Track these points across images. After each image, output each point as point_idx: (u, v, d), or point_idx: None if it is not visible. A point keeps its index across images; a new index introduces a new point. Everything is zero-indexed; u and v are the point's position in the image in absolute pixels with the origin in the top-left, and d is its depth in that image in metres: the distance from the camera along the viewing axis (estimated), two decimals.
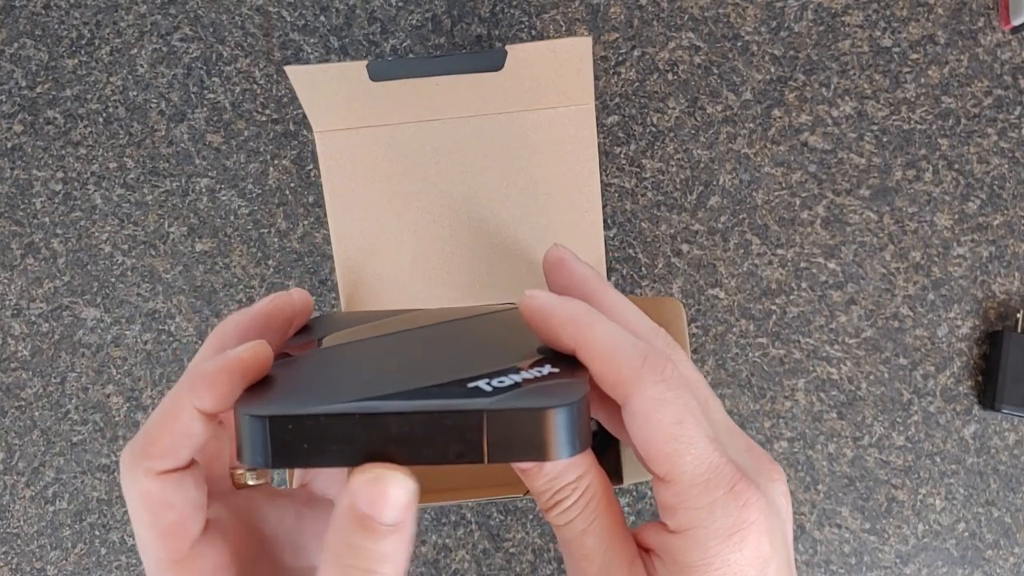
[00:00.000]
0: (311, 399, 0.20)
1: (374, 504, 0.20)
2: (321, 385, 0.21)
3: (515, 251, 0.51)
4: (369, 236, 0.51)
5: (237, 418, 0.20)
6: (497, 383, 0.21)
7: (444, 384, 0.21)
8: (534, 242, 0.51)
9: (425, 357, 0.22)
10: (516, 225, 0.51)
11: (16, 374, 0.57)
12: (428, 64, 0.46)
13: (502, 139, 0.49)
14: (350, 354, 0.23)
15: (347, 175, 0.50)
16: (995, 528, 0.54)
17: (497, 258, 0.51)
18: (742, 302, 0.55)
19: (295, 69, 0.45)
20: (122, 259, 0.57)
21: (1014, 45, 0.55)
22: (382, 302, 0.51)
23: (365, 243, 0.51)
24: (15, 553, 0.56)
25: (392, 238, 0.51)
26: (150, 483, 0.23)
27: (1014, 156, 0.55)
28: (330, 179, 0.50)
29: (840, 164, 0.55)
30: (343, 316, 0.25)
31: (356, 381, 0.21)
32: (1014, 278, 0.55)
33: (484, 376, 0.21)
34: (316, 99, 0.47)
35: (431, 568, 0.55)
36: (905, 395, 0.54)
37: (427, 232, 0.51)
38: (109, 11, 0.58)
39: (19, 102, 0.58)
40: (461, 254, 0.51)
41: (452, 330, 0.23)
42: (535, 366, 0.22)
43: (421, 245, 0.51)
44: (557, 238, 0.51)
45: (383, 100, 0.47)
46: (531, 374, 0.21)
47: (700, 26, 0.56)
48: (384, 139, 0.49)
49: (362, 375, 0.21)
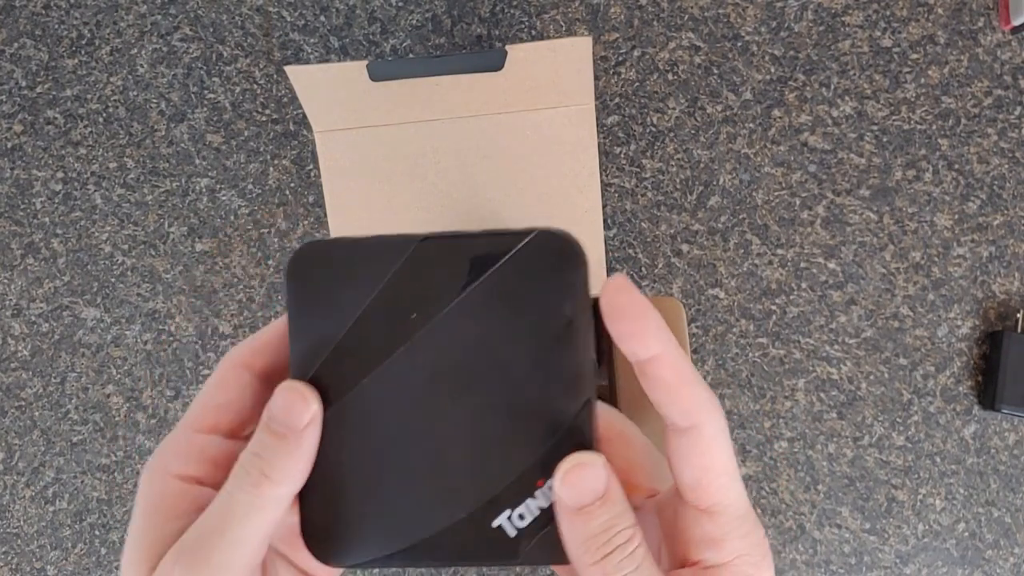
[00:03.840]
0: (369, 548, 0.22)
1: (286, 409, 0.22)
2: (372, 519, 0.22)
3: None
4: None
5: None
6: (519, 520, 0.22)
7: (470, 520, 0.22)
8: None
9: (441, 445, 0.23)
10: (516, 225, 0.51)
11: (16, 374, 0.57)
12: (428, 64, 0.46)
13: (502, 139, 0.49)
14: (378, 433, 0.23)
15: (347, 175, 0.50)
16: (995, 528, 0.54)
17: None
18: (742, 302, 0.55)
19: (295, 69, 0.45)
20: (122, 259, 0.57)
21: (1014, 45, 0.55)
22: None
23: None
24: (15, 553, 0.56)
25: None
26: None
27: (1014, 156, 0.55)
28: (330, 179, 0.50)
29: (840, 164, 0.55)
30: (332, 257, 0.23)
31: (396, 515, 0.22)
32: (1014, 278, 0.55)
33: (505, 507, 0.22)
34: (316, 99, 0.47)
35: (431, 567, 0.55)
36: (905, 395, 0.54)
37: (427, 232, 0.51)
38: (109, 11, 0.58)
39: (19, 102, 0.58)
40: None
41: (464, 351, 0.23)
42: (548, 476, 0.22)
43: None
44: None
45: (383, 100, 0.47)
46: (547, 497, 0.22)
47: (700, 26, 0.56)
48: (384, 139, 0.49)
49: (399, 497, 0.22)
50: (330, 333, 0.22)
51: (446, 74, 0.46)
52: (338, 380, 0.22)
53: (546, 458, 0.22)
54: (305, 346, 0.22)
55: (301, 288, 0.22)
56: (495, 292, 0.22)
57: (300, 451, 0.22)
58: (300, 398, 0.22)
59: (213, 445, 0.24)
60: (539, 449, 0.22)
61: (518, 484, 0.22)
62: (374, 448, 0.22)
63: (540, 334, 0.22)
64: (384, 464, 0.22)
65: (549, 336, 0.22)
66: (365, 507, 0.22)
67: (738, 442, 0.54)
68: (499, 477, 0.22)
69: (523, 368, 0.22)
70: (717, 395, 0.55)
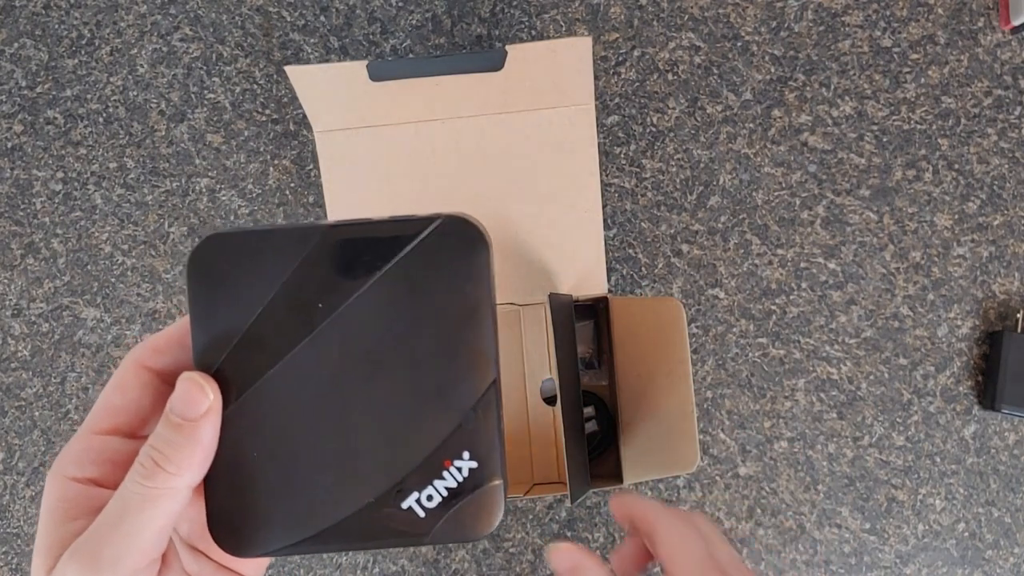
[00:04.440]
0: (274, 537, 0.22)
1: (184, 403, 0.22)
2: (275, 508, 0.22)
3: (515, 252, 0.51)
4: None
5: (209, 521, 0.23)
6: (427, 501, 0.22)
7: (378, 503, 0.22)
8: (534, 242, 0.51)
9: (349, 433, 0.23)
10: (516, 225, 0.51)
11: (16, 374, 0.57)
12: (428, 64, 0.46)
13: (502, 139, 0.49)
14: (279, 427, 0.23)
15: (347, 174, 0.50)
16: (995, 528, 0.54)
17: (496, 258, 0.51)
18: (742, 302, 0.55)
19: (295, 69, 0.45)
20: (122, 259, 0.57)
21: (1014, 45, 0.55)
22: None
23: None
24: (15, 553, 0.56)
25: None
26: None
27: (1014, 156, 0.55)
28: (330, 179, 0.50)
29: (840, 164, 0.55)
30: (237, 247, 0.23)
31: (303, 503, 0.22)
32: (1014, 278, 0.55)
33: (413, 489, 0.22)
34: (316, 99, 0.47)
35: (431, 568, 0.55)
36: (905, 395, 0.54)
37: None
38: (109, 11, 0.58)
39: (19, 102, 0.58)
40: None
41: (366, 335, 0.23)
42: (455, 457, 0.23)
43: None
44: (557, 238, 0.51)
45: (383, 100, 0.47)
46: (454, 478, 0.22)
47: (700, 26, 0.56)
48: (384, 139, 0.49)
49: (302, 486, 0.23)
50: (234, 326, 0.22)
51: (446, 74, 0.46)
52: (243, 372, 0.22)
53: (452, 439, 0.22)
54: (207, 339, 0.22)
55: (203, 280, 0.22)
56: (402, 277, 0.22)
57: (197, 441, 0.22)
58: (198, 388, 0.22)
59: (112, 446, 0.24)
60: (446, 430, 0.22)
61: (426, 466, 0.22)
62: (280, 438, 0.23)
63: (445, 318, 0.22)
64: (291, 453, 0.23)
65: (454, 320, 0.22)
66: (272, 496, 0.23)
67: (738, 442, 0.54)
68: (407, 460, 0.22)
69: (429, 352, 0.22)
70: (717, 395, 0.55)
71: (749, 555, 0.54)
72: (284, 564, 0.55)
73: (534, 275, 0.51)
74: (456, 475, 0.22)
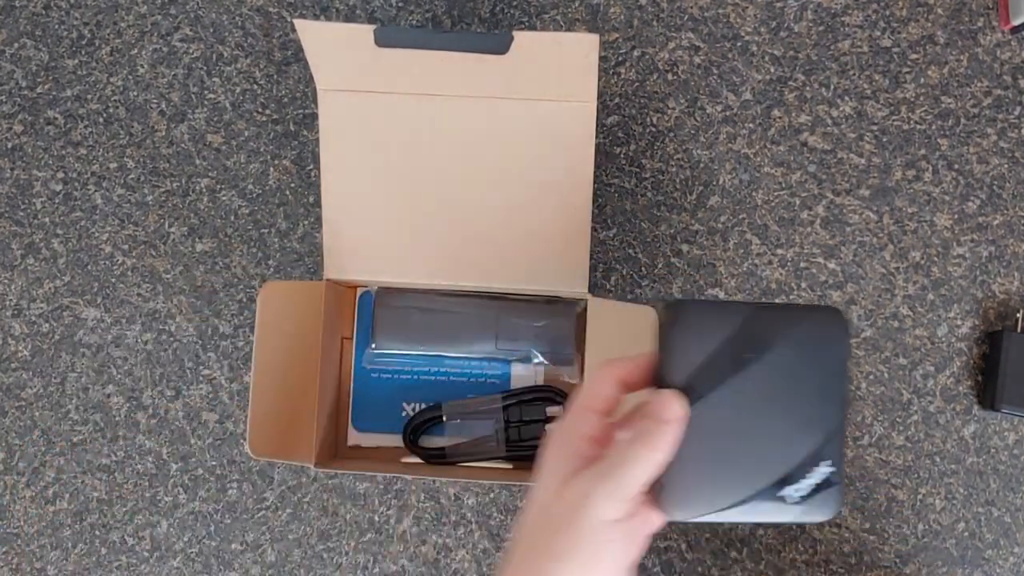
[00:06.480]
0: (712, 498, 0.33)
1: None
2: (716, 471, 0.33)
3: (498, 238, 0.51)
4: (357, 200, 0.51)
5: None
6: (795, 493, 0.33)
7: (767, 492, 0.33)
8: (519, 232, 0.51)
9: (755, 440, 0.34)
10: (503, 212, 0.50)
11: (16, 374, 0.57)
12: (434, 37, 0.46)
13: (501, 125, 0.49)
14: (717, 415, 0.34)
15: (345, 137, 0.50)
16: (995, 528, 0.54)
17: (479, 242, 0.51)
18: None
19: (304, 23, 0.46)
20: (122, 259, 0.57)
21: (1014, 45, 0.55)
22: (359, 264, 0.51)
23: (352, 206, 0.51)
24: (15, 553, 0.56)
25: (379, 205, 0.51)
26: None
27: (1014, 156, 0.55)
28: (327, 138, 0.50)
29: (840, 164, 0.55)
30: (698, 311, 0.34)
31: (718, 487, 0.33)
32: (1014, 278, 0.55)
33: (793, 480, 0.33)
34: (322, 55, 0.48)
35: (431, 568, 0.55)
36: (905, 395, 0.54)
37: (414, 206, 0.51)
38: (109, 11, 0.58)
39: (19, 102, 0.58)
40: (444, 232, 0.51)
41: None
42: (821, 462, 0.34)
43: (406, 217, 0.51)
44: (544, 231, 0.51)
45: (387, 67, 0.47)
46: (818, 476, 0.33)
47: (700, 26, 0.56)
48: (385, 106, 0.49)
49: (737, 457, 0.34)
50: (691, 361, 0.33)
51: (451, 50, 0.46)
52: (692, 393, 0.33)
53: (819, 451, 0.33)
54: (675, 369, 0.33)
55: (676, 330, 0.33)
56: (801, 342, 0.33)
57: (672, 433, 0.32)
58: (678, 400, 0.32)
59: (592, 420, 0.34)
60: (816, 445, 0.33)
61: (802, 466, 0.33)
62: (711, 441, 0.33)
63: (821, 374, 0.34)
64: (718, 451, 0.33)
65: (826, 376, 0.34)
66: (703, 479, 0.33)
67: None
68: (790, 461, 0.33)
69: (808, 396, 0.33)
70: None
71: (749, 555, 0.54)
72: (284, 564, 0.55)
73: (514, 264, 0.51)
74: (818, 475, 0.33)
